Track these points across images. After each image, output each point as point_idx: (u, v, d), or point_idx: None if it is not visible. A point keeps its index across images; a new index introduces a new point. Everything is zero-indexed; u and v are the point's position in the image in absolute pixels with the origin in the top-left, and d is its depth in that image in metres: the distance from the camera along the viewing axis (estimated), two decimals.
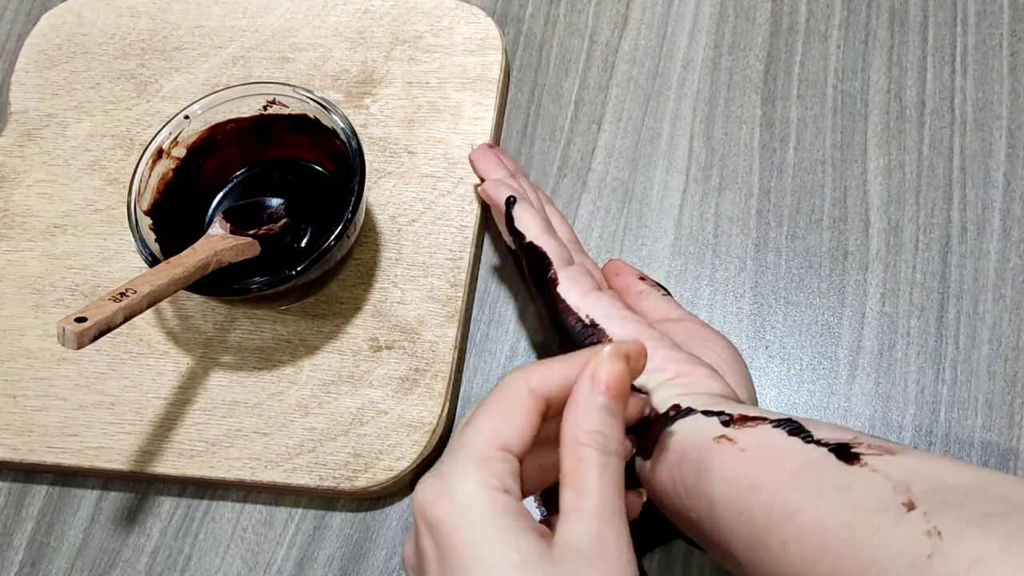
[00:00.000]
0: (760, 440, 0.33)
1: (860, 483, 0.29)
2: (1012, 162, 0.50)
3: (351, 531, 0.46)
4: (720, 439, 0.34)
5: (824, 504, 0.30)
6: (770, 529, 0.31)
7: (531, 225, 0.44)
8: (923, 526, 0.27)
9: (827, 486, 0.30)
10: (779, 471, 0.32)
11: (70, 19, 0.60)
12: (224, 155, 0.51)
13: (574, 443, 0.31)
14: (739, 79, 0.54)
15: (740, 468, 0.33)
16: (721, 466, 0.33)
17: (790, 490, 0.31)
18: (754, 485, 0.32)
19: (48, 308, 0.51)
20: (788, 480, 0.31)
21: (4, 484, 0.49)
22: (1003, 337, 0.47)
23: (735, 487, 0.32)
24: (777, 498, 0.31)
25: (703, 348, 0.40)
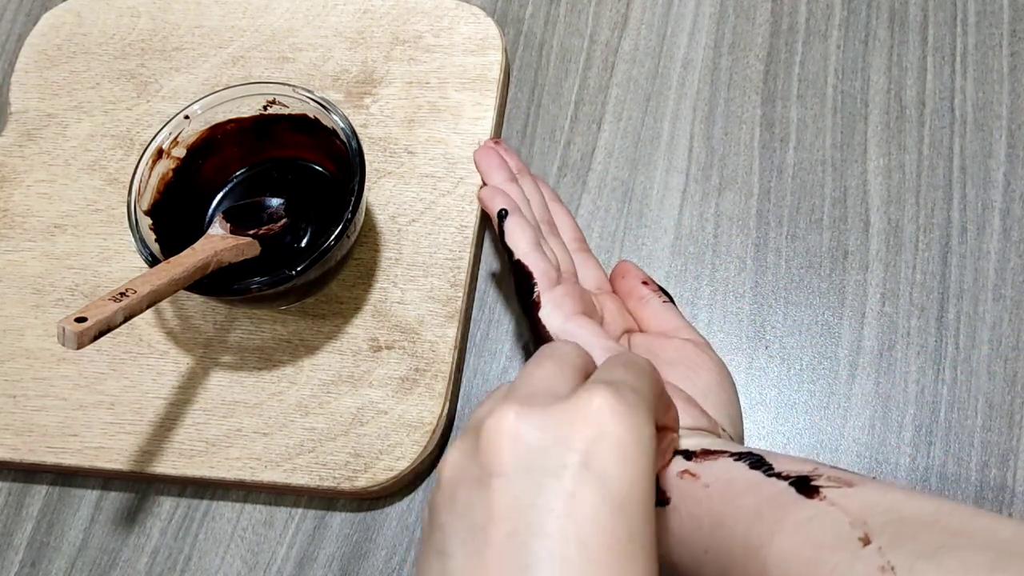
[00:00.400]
0: (721, 475, 0.33)
1: (819, 517, 0.29)
2: (1012, 162, 0.50)
3: (351, 531, 0.46)
4: (683, 474, 0.34)
5: (785, 540, 0.30)
6: (734, 565, 0.31)
7: (520, 241, 0.42)
8: (877, 561, 0.27)
9: (788, 520, 0.30)
10: (741, 506, 0.32)
11: (70, 19, 0.60)
12: (224, 155, 0.51)
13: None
14: (739, 79, 0.54)
15: (704, 505, 0.33)
16: (686, 504, 0.33)
17: (752, 525, 0.31)
18: (718, 522, 0.32)
19: (48, 308, 0.51)
20: (751, 515, 0.31)
21: (4, 484, 0.49)
22: (1003, 337, 0.47)
23: (699, 525, 0.33)
24: (739, 534, 0.31)
25: (687, 371, 0.41)
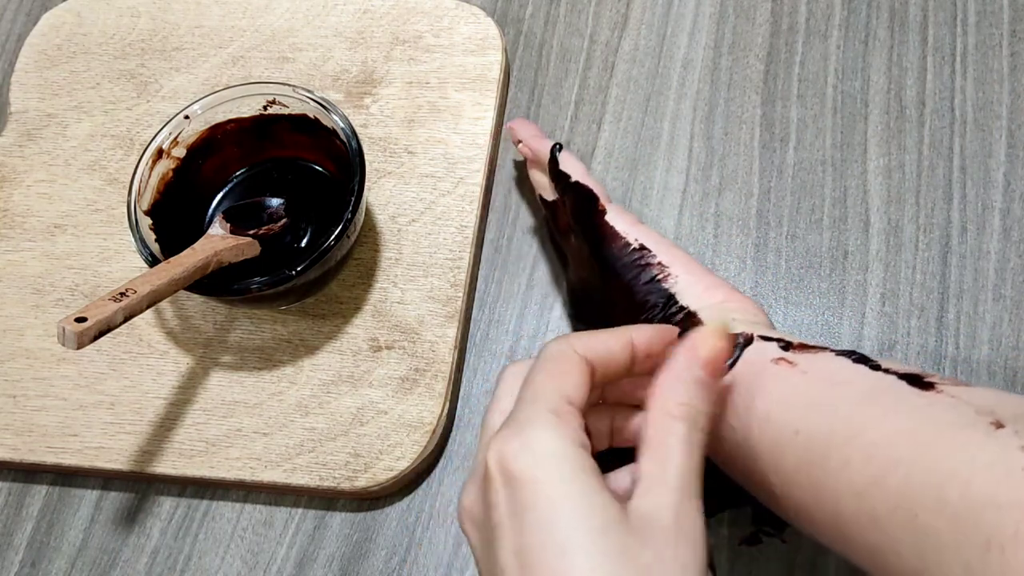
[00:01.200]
0: (824, 366, 0.33)
1: (939, 403, 0.29)
2: (1012, 162, 0.50)
3: (351, 531, 0.46)
4: (779, 361, 0.34)
5: (899, 421, 0.29)
6: (830, 447, 0.30)
7: (575, 168, 0.46)
8: (1016, 442, 0.26)
9: (903, 404, 0.29)
10: (846, 393, 0.31)
11: (70, 19, 0.60)
12: (224, 155, 0.51)
13: (663, 412, 0.30)
14: (739, 79, 0.54)
15: (800, 388, 0.32)
16: (777, 387, 0.33)
17: (859, 408, 0.30)
18: (814, 403, 0.31)
19: (48, 308, 0.51)
20: (857, 399, 0.31)
21: (4, 484, 0.49)
22: (1003, 337, 0.47)
23: (791, 406, 0.32)
24: (841, 415, 0.30)
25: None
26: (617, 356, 0.33)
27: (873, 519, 0.28)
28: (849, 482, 0.29)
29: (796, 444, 0.31)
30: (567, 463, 0.29)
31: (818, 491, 0.30)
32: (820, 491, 0.30)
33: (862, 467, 0.29)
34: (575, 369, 0.31)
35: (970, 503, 0.25)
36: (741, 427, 0.33)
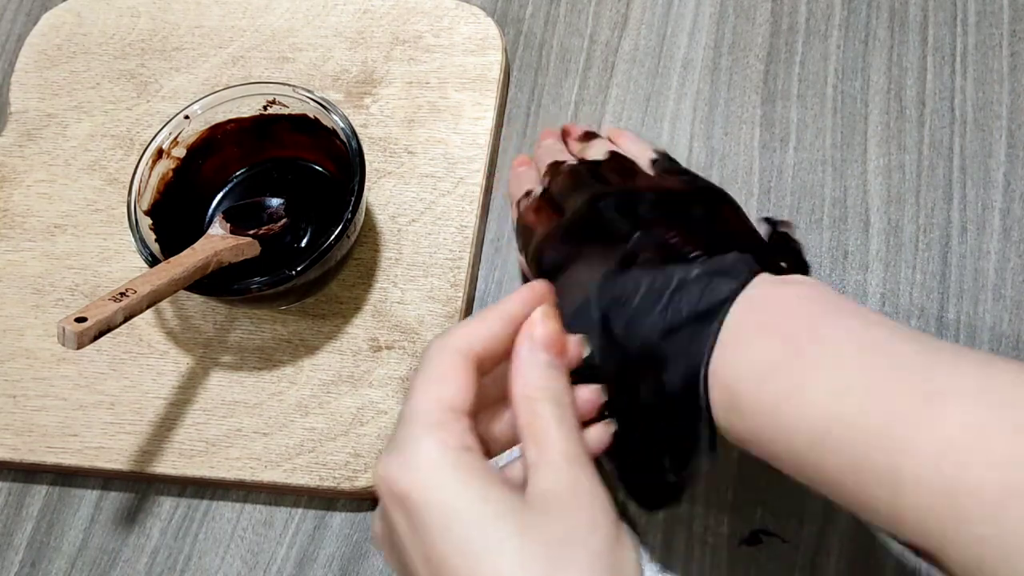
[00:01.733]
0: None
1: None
2: (1012, 162, 0.50)
3: (351, 531, 0.46)
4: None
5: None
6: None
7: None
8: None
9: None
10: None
11: (70, 19, 0.60)
12: (224, 155, 0.51)
13: (526, 400, 0.31)
14: (739, 79, 0.54)
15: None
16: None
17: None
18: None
19: (48, 308, 0.51)
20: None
21: (4, 484, 0.49)
22: (1003, 337, 0.47)
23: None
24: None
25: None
26: (500, 336, 0.33)
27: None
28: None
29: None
30: (451, 469, 0.29)
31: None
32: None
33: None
34: (454, 371, 0.31)
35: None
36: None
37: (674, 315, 0.34)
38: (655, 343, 0.34)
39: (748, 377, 0.32)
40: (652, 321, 0.34)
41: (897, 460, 0.28)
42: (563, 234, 0.40)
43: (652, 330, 0.34)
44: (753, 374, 0.32)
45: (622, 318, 0.35)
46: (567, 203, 0.42)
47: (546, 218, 0.42)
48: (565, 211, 0.42)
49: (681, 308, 0.34)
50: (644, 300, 0.35)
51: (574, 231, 0.40)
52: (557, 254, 0.40)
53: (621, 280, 0.36)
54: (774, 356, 0.32)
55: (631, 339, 0.35)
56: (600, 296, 0.36)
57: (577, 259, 0.39)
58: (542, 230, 0.42)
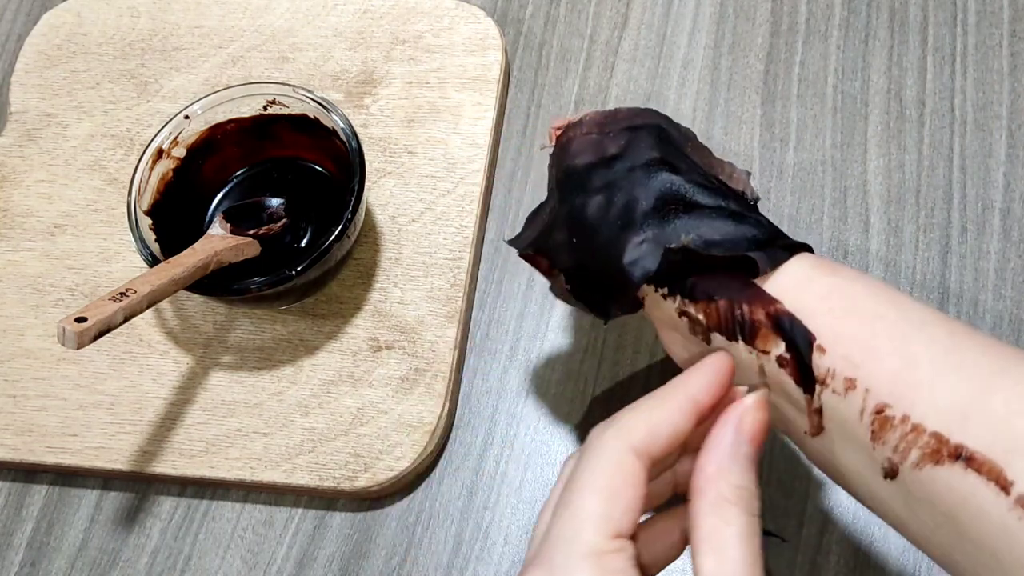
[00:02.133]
0: None
1: None
2: (1012, 162, 0.50)
3: (351, 531, 0.46)
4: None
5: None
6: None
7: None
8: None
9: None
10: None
11: (70, 19, 0.60)
12: (224, 155, 0.51)
13: (719, 499, 0.27)
14: (739, 79, 0.54)
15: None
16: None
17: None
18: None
19: (48, 308, 0.51)
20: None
21: (4, 484, 0.49)
22: (1003, 337, 0.47)
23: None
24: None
25: None
26: (683, 428, 0.29)
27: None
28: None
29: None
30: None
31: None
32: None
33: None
34: (629, 482, 0.27)
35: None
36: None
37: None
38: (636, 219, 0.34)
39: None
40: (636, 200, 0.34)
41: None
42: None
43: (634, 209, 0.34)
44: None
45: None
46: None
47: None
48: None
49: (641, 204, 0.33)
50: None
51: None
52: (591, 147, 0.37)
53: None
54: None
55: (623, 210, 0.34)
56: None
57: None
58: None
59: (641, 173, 0.35)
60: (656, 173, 0.35)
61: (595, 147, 0.36)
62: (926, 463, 0.27)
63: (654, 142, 0.36)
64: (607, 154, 0.36)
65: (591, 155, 0.36)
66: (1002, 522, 0.25)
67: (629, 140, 0.36)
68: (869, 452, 0.29)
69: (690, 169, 0.35)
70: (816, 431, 0.31)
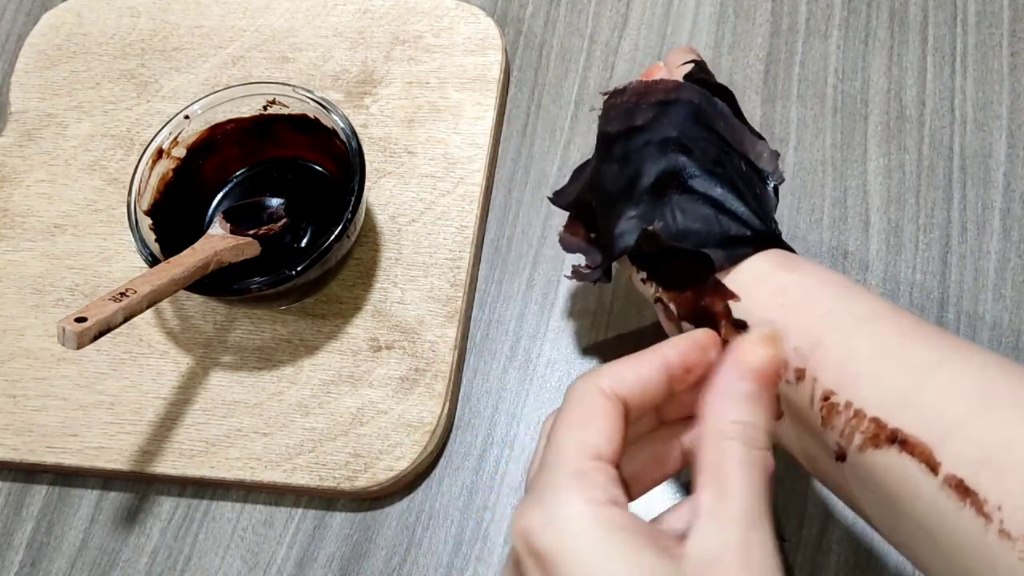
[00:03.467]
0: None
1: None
2: (1012, 162, 0.50)
3: (351, 531, 0.46)
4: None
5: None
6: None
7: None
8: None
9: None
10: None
11: (70, 19, 0.60)
12: (224, 155, 0.51)
13: (716, 435, 0.28)
14: (739, 79, 0.54)
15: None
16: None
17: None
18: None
19: (48, 308, 0.51)
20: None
21: (4, 484, 0.49)
22: (1003, 337, 0.47)
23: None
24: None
25: None
26: (652, 384, 0.30)
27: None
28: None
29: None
30: (597, 529, 0.26)
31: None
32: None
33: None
34: (602, 414, 0.29)
35: None
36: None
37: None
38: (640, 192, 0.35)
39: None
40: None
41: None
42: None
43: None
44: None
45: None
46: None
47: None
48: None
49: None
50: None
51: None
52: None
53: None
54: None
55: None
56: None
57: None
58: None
59: (655, 149, 0.36)
60: (666, 151, 0.36)
61: (626, 116, 0.38)
62: (868, 446, 0.29)
63: (681, 119, 0.37)
64: (634, 124, 0.37)
65: (620, 123, 0.38)
66: (933, 501, 0.27)
67: (657, 114, 0.37)
68: (821, 437, 0.30)
69: (706, 151, 0.36)
70: (776, 416, 0.32)
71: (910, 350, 0.29)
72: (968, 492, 0.26)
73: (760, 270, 0.33)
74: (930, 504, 0.27)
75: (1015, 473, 0.25)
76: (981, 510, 0.25)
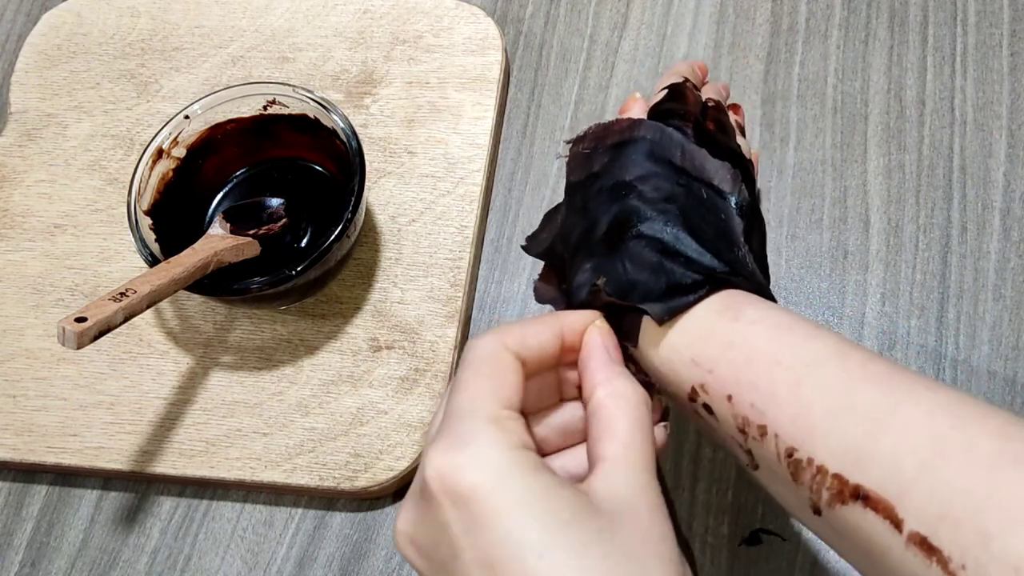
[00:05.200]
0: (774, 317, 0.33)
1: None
2: (1012, 162, 0.50)
3: (351, 531, 0.46)
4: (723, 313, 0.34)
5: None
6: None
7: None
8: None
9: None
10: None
11: (70, 19, 0.60)
12: (224, 155, 0.51)
13: (612, 395, 0.31)
14: (739, 79, 0.54)
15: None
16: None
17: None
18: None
19: (48, 308, 0.51)
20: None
21: (4, 484, 0.49)
22: (1003, 337, 0.47)
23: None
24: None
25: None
26: (549, 350, 0.32)
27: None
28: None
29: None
30: (517, 469, 0.28)
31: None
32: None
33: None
34: (509, 370, 0.30)
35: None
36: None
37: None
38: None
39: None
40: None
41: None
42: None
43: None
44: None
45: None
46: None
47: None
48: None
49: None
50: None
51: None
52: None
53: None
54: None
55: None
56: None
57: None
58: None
59: (607, 196, 0.36)
60: (618, 197, 0.36)
61: (585, 163, 0.38)
62: (835, 502, 0.28)
63: (635, 159, 0.36)
64: (592, 171, 0.37)
65: (580, 172, 0.38)
66: (901, 559, 0.26)
67: (612, 157, 0.37)
68: (795, 490, 0.30)
69: (659, 188, 0.36)
70: (752, 467, 0.32)
71: (862, 396, 0.29)
72: (933, 550, 0.25)
73: (706, 323, 0.33)
74: (900, 561, 0.26)
75: (971, 523, 0.25)
76: (947, 568, 0.25)
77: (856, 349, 0.31)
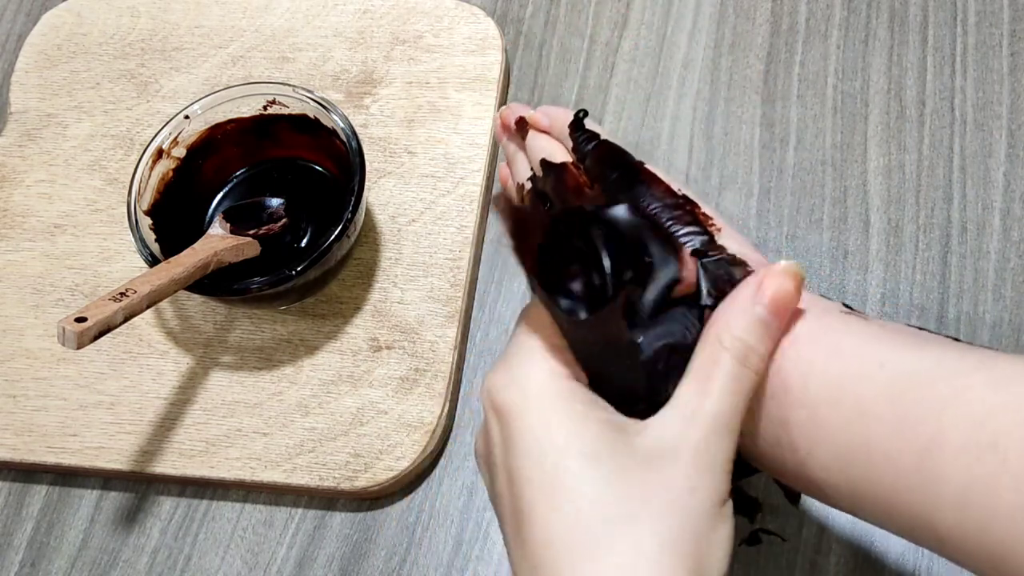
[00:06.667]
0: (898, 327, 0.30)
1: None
2: (1012, 162, 0.50)
3: (351, 531, 0.46)
4: (848, 313, 0.31)
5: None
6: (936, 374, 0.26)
7: (600, 131, 0.39)
8: None
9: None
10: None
11: (70, 19, 0.60)
12: (224, 155, 0.51)
13: (715, 342, 0.28)
14: (739, 79, 0.54)
15: (884, 331, 0.29)
16: (853, 330, 0.29)
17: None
18: (900, 343, 0.28)
19: (48, 308, 0.51)
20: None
21: (4, 484, 0.49)
22: (1003, 337, 0.47)
23: (873, 338, 0.29)
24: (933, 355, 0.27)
25: None
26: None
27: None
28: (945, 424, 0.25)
29: (882, 378, 0.27)
30: (556, 395, 0.28)
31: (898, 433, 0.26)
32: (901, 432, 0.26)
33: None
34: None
35: None
36: (819, 366, 0.29)
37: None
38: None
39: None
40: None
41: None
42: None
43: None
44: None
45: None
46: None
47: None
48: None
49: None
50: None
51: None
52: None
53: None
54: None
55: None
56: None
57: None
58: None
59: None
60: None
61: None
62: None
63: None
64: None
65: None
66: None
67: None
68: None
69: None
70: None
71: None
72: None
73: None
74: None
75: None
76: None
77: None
